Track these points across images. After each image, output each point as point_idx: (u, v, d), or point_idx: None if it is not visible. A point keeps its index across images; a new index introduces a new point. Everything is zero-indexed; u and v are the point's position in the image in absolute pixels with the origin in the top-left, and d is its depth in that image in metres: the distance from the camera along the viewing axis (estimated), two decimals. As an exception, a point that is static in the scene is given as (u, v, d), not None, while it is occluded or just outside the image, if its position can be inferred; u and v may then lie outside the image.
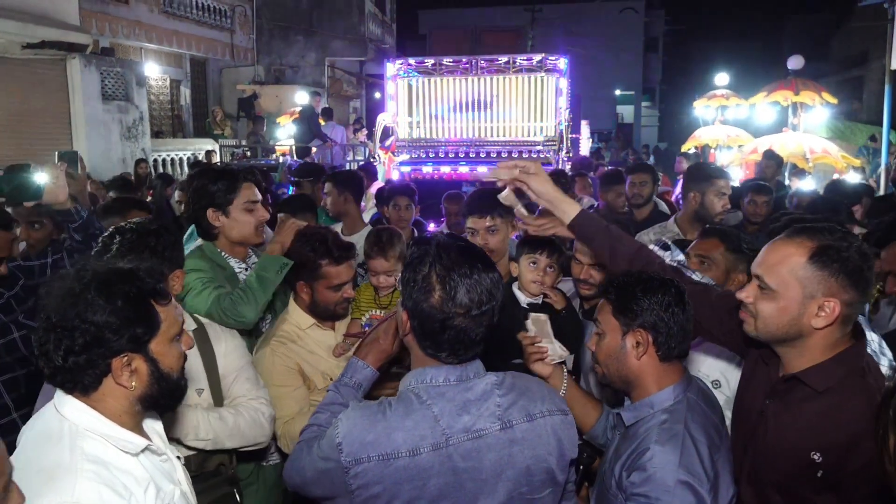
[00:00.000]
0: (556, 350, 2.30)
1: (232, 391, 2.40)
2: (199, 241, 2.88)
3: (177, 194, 7.18)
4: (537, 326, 2.39)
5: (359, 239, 3.91)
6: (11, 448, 1.82)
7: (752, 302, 1.80)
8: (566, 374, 2.32)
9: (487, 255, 1.80)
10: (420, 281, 1.63)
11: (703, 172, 4.10)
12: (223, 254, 2.86)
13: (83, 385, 1.51)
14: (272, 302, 2.79)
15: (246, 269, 2.88)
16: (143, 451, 1.58)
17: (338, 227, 4.47)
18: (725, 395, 2.46)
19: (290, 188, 7.01)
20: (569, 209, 2.27)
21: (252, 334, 2.82)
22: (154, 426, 1.70)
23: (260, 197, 2.91)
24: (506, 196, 2.37)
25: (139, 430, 1.62)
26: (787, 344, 1.80)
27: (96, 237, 2.79)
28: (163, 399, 1.62)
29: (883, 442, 1.16)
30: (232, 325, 2.54)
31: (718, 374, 2.53)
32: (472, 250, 1.73)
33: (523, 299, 2.79)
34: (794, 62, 9.06)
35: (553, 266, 2.79)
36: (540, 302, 2.74)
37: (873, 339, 2.38)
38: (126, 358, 1.51)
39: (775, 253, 1.78)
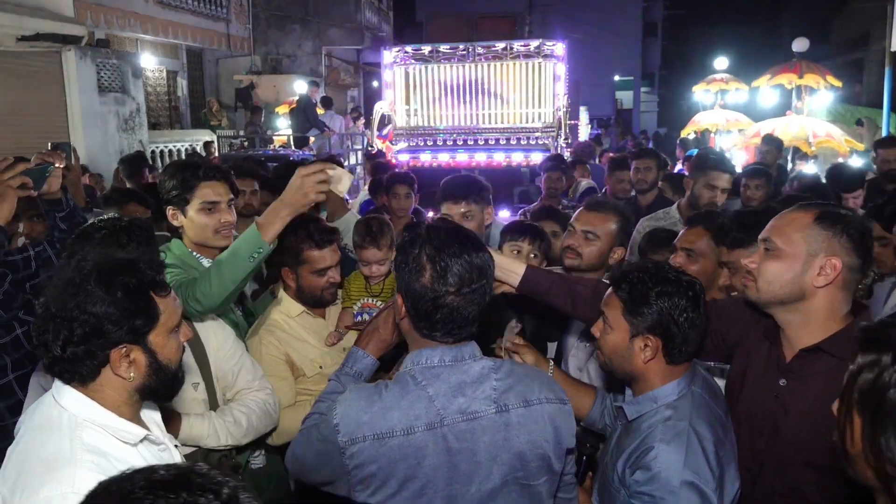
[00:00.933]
0: None
1: (237, 384, 2.41)
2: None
3: None
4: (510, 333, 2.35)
5: (343, 224, 3.90)
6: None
7: (757, 266, 1.84)
8: (551, 363, 2.31)
9: (477, 236, 1.80)
10: (411, 262, 1.67)
11: (701, 161, 4.10)
12: (194, 253, 2.62)
13: (81, 375, 1.52)
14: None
15: None
16: (141, 440, 1.59)
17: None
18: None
19: None
20: (516, 269, 2.23)
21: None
22: (152, 416, 1.70)
23: (223, 197, 2.58)
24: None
25: (137, 420, 1.63)
26: (789, 308, 1.82)
27: (80, 225, 2.73)
28: (161, 390, 1.63)
29: (846, 423, 1.18)
30: (198, 310, 2.28)
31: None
32: (462, 231, 1.76)
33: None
34: (799, 44, 8.96)
35: (536, 253, 2.79)
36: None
37: None
38: (125, 349, 1.52)
39: (782, 218, 1.86)
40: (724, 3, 33.71)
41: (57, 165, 2.76)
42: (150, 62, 14.53)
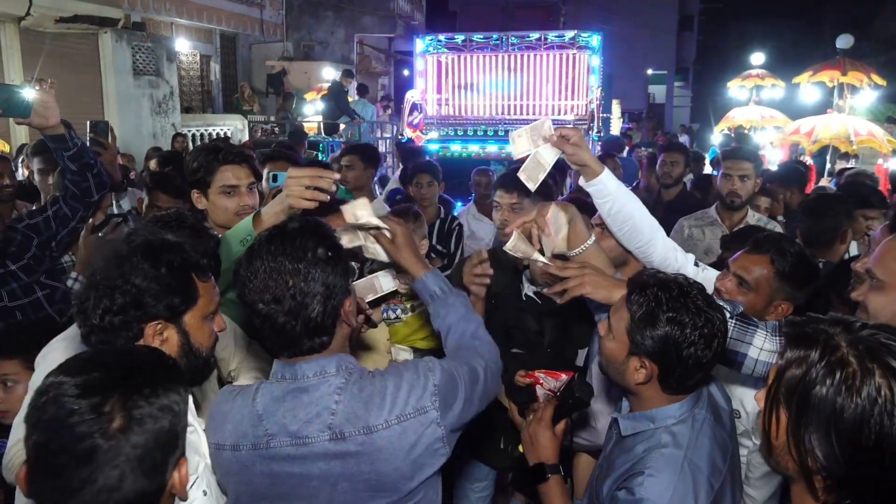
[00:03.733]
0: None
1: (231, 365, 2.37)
2: None
3: None
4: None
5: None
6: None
7: (864, 299, 1.79)
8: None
9: (314, 240, 1.56)
10: (238, 266, 1.56)
11: (722, 152, 4.13)
12: (218, 235, 2.56)
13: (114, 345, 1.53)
14: None
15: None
16: None
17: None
18: (743, 427, 2.25)
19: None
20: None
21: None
22: None
23: (243, 181, 2.56)
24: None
25: None
26: None
27: (92, 167, 2.77)
28: (189, 373, 1.61)
29: (772, 416, 1.20)
30: None
31: (737, 403, 2.25)
32: (292, 236, 1.55)
33: (527, 287, 2.72)
34: (843, 41, 8.70)
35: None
36: (542, 290, 2.62)
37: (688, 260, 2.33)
38: (160, 325, 1.54)
39: (884, 247, 1.79)
40: (762, -2, 33.04)
41: (37, 89, 2.57)
42: (184, 46, 14.65)
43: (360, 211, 1.96)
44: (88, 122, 3.06)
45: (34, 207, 3.35)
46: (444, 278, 1.95)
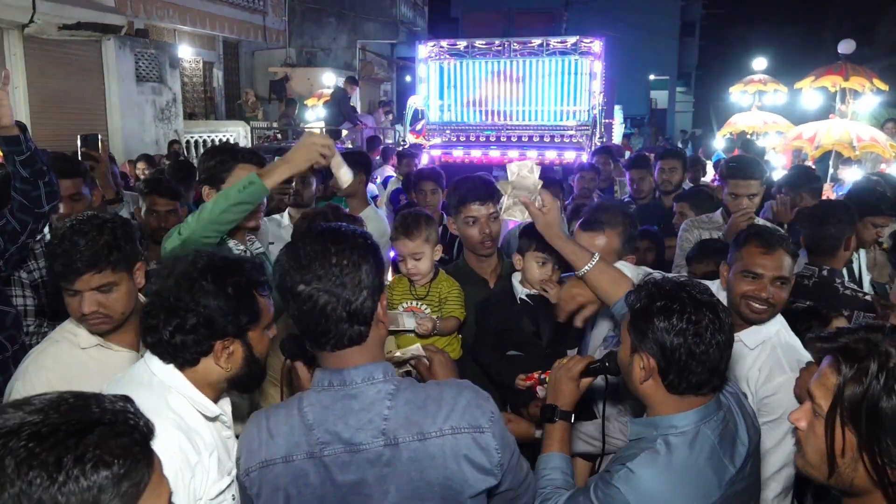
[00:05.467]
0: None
1: None
2: None
3: None
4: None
5: (363, 218, 3.92)
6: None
7: None
8: (595, 256, 2.24)
9: (356, 236, 1.59)
10: (279, 258, 1.60)
11: (725, 170, 3.94)
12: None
13: (183, 360, 1.64)
14: None
15: (245, 252, 2.67)
16: (216, 417, 1.71)
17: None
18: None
19: None
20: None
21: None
22: (223, 405, 1.78)
23: None
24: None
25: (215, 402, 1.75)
26: None
27: (44, 174, 2.62)
28: (248, 381, 1.76)
29: (835, 438, 1.20)
30: (178, 235, 2.28)
31: (745, 385, 2.32)
32: (337, 230, 1.60)
33: (521, 290, 2.72)
34: (845, 46, 8.66)
35: (559, 265, 2.68)
36: (536, 294, 2.66)
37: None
38: (228, 342, 1.65)
39: None
40: (764, 3, 33.05)
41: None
42: (186, 53, 14.71)
43: (340, 173, 2.33)
44: (79, 137, 3.05)
45: None
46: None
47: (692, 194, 4.77)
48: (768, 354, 2.31)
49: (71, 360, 2.06)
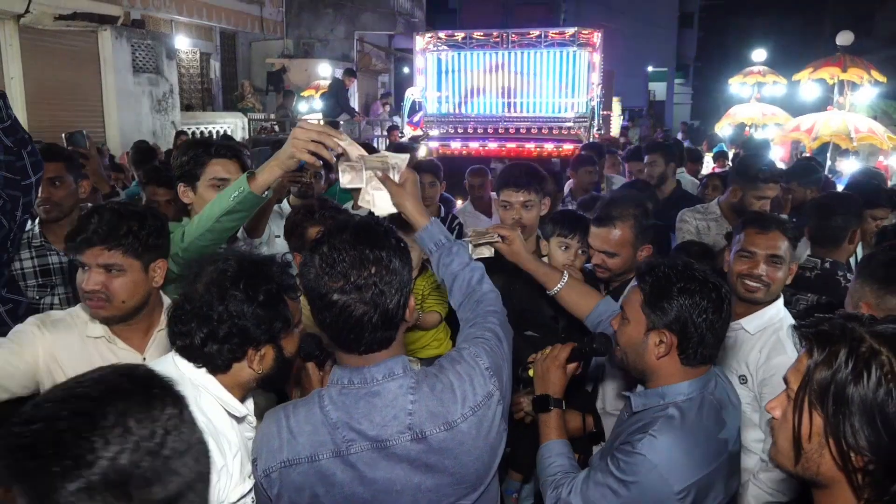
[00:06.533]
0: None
1: None
2: None
3: None
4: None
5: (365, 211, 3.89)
6: None
7: None
8: (565, 276, 2.39)
9: (386, 234, 1.56)
10: (307, 258, 1.53)
11: (749, 171, 3.83)
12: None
13: (215, 365, 1.64)
14: None
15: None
16: (243, 419, 1.71)
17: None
18: (753, 392, 2.38)
19: None
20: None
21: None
22: (248, 405, 1.79)
23: (234, 175, 2.53)
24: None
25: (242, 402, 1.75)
26: None
27: (26, 143, 2.51)
28: (278, 380, 1.77)
29: (801, 422, 1.22)
30: (181, 248, 2.26)
31: (745, 368, 2.42)
32: (368, 228, 1.55)
33: None
34: (843, 38, 8.63)
35: (584, 250, 2.74)
36: None
37: None
38: (261, 347, 1.64)
39: None
40: (763, -6, 32.91)
41: None
42: (183, 44, 14.62)
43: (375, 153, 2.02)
44: (64, 135, 3.02)
45: None
46: (445, 229, 1.99)
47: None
48: (769, 337, 2.39)
49: (75, 347, 2.05)
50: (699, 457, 1.71)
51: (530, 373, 2.17)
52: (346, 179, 1.94)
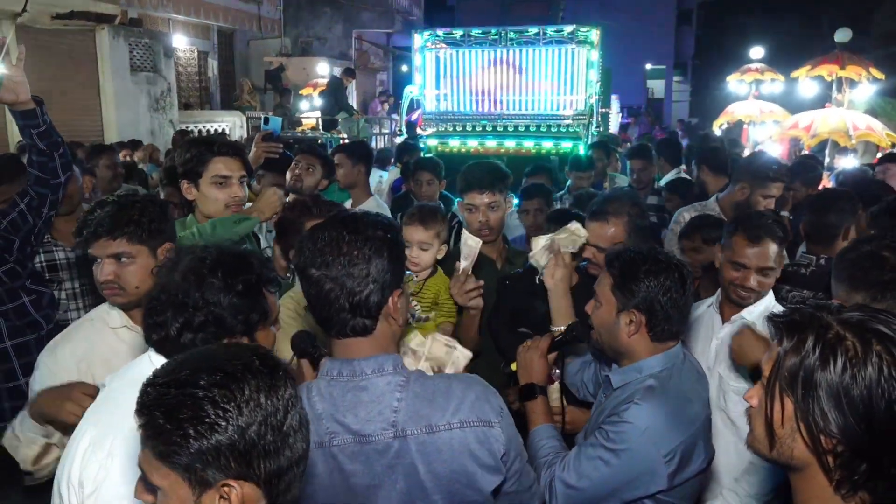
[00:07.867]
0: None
1: None
2: None
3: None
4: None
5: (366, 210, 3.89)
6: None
7: None
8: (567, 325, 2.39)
9: (375, 226, 1.58)
10: (304, 236, 1.62)
11: (759, 171, 3.79)
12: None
13: None
14: None
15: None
16: None
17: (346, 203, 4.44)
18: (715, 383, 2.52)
19: None
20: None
21: None
22: None
23: (235, 173, 2.67)
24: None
25: None
26: None
27: (59, 146, 2.69)
28: None
29: (773, 408, 1.26)
30: None
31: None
32: (359, 217, 1.61)
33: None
34: (842, 35, 8.61)
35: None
36: None
37: None
38: (235, 339, 1.61)
39: None
40: (761, -8, 32.91)
41: (5, 65, 2.53)
42: (181, 42, 14.61)
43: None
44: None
45: None
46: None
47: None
48: (760, 326, 2.42)
49: (98, 338, 2.10)
50: (680, 421, 1.84)
51: (513, 366, 2.26)
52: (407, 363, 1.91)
